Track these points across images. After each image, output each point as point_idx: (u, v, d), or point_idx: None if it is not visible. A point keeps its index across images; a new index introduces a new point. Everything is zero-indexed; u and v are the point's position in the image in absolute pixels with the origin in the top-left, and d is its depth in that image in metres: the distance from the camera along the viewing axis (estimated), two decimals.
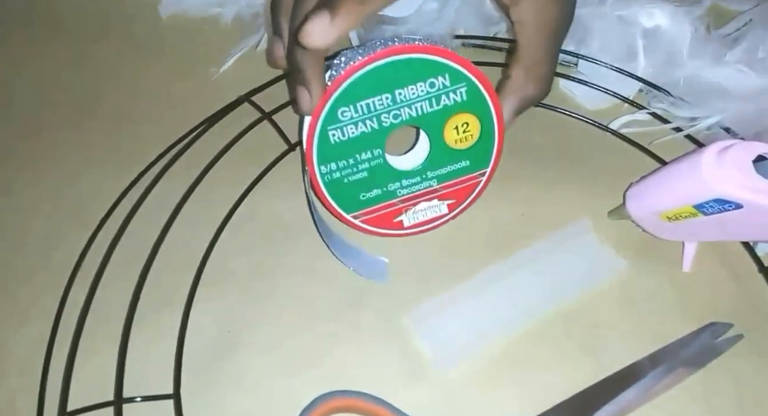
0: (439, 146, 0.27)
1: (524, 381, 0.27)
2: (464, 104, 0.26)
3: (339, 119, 0.25)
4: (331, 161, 0.26)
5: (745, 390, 0.27)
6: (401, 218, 0.28)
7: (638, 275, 0.30)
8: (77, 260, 0.30)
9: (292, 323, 0.29)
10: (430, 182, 0.28)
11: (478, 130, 0.27)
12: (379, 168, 0.27)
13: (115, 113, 0.36)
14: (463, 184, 0.28)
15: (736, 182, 0.24)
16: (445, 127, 0.26)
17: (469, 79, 0.26)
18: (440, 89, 0.26)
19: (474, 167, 0.28)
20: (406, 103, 0.26)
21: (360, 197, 0.27)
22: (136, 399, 0.25)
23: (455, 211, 0.28)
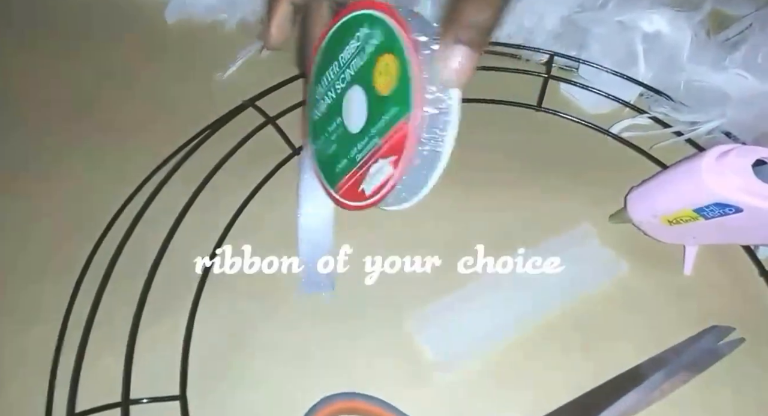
0: (373, 97, 0.25)
1: (525, 384, 0.27)
2: (381, 45, 0.24)
3: (316, 99, 0.28)
4: (318, 139, 0.28)
5: (747, 393, 0.27)
6: (363, 186, 0.26)
7: (640, 279, 0.30)
8: (84, 265, 0.30)
9: (296, 326, 0.29)
10: (375, 141, 0.25)
11: (396, 68, 0.24)
12: (342, 137, 0.27)
13: (120, 117, 0.36)
14: (396, 135, 0.24)
15: (736, 186, 0.24)
16: (373, 76, 0.25)
17: (380, 19, 0.24)
18: (364, 40, 0.25)
19: (402, 113, 0.24)
20: (346, 64, 0.26)
21: (336, 169, 0.27)
22: (143, 401, 0.25)
23: (399, 169, 0.24)
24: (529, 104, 0.35)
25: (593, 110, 0.35)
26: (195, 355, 0.27)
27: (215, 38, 0.39)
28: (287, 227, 0.31)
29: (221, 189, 0.32)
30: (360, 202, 0.26)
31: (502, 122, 0.35)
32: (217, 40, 0.39)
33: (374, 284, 0.30)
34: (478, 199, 0.32)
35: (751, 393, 0.27)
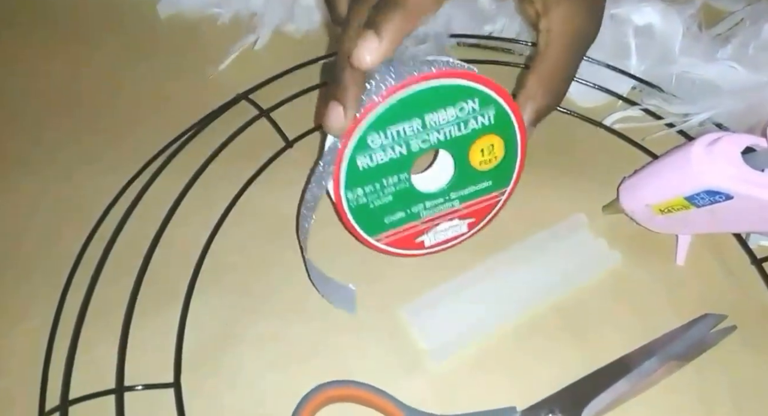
0: (464, 168, 0.26)
1: (518, 372, 0.27)
2: (491, 126, 0.26)
3: (369, 146, 0.25)
4: (358, 187, 0.26)
5: (738, 381, 0.27)
6: (423, 238, 0.28)
7: (632, 269, 0.30)
8: (77, 255, 0.30)
9: (290, 317, 0.29)
10: (452, 203, 0.27)
11: (502, 151, 0.26)
12: (404, 192, 0.26)
13: (114, 111, 0.36)
14: (484, 203, 0.27)
15: (726, 174, 0.24)
16: (470, 149, 0.26)
17: (497, 102, 0.25)
18: (469, 113, 0.25)
19: (495, 187, 0.27)
20: (436, 127, 0.25)
21: (384, 220, 0.27)
22: (137, 388, 0.25)
23: (474, 229, 0.28)
24: None
25: (586, 103, 0.36)
26: (189, 345, 0.27)
27: (208, 33, 0.40)
28: (280, 219, 0.31)
29: (214, 182, 0.32)
30: (415, 251, 0.28)
31: None
32: (210, 34, 0.39)
33: (367, 275, 0.30)
34: None
35: (743, 380, 0.27)
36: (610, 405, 0.26)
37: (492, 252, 0.30)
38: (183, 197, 0.31)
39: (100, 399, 0.25)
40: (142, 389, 0.25)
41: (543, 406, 0.26)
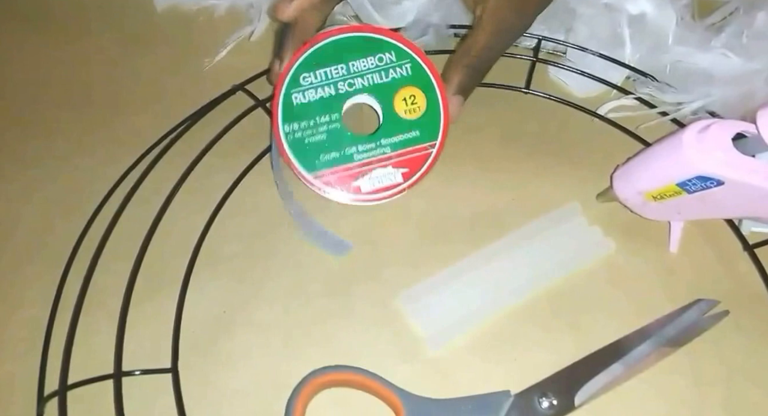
0: (390, 115, 0.30)
1: (513, 358, 0.28)
2: (409, 78, 0.30)
3: (301, 83, 0.30)
4: (294, 121, 0.30)
5: (731, 365, 0.27)
6: (359, 182, 0.30)
7: (626, 256, 0.30)
8: (75, 244, 0.30)
9: (286, 304, 0.29)
10: (384, 150, 0.30)
11: (424, 103, 0.30)
12: (336, 132, 0.30)
13: (110, 102, 0.36)
14: (415, 153, 0.30)
15: (717, 159, 0.24)
16: (394, 98, 0.30)
17: (412, 57, 0.30)
18: (387, 64, 0.30)
19: (424, 138, 0.30)
20: (359, 74, 0.30)
21: (320, 157, 0.30)
22: (135, 373, 0.26)
23: (410, 180, 0.30)
24: (517, 86, 0.35)
25: (581, 93, 0.36)
26: (186, 332, 0.28)
27: (204, 24, 0.39)
28: (277, 209, 0.32)
29: (211, 172, 0.33)
30: (352, 194, 0.30)
31: (491, 105, 0.35)
32: (207, 26, 0.39)
33: (363, 262, 0.30)
34: (467, 180, 0.32)
35: (735, 364, 0.27)
36: (603, 388, 0.26)
37: (488, 240, 0.30)
38: (179, 187, 0.32)
39: (99, 383, 0.25)
40: (140, 374, 0.26)
41: (536, 390, 0.26)
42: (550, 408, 0.26)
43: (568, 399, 0.26)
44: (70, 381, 0.26)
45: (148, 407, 0.26)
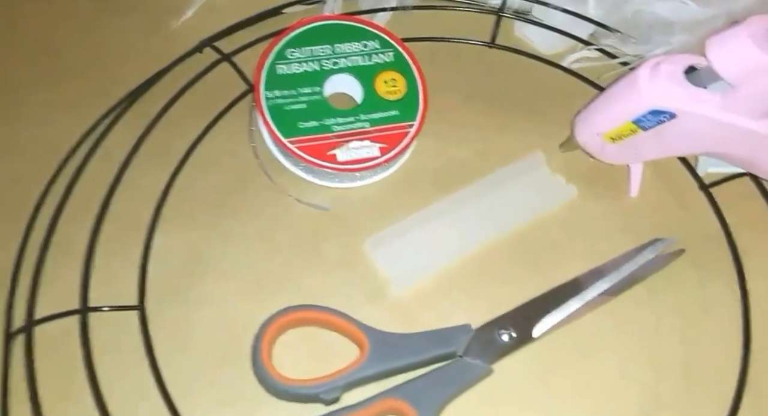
0: (371, 94, 0.32)
1: (476, 296, 0.28)
2: (392, 64, 0.32)
3: (287, 57, 0.32)
4: (275, 89, 0.31)
5: (687, 299, 0.28)
6: (335, 151, 0.30)
7: (587, 201, 0.31)
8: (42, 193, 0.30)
9: (255, 251, 0.30)
10: (363, 124, 0.31)
11: (404, 87, 0.32)
12: (317, 103, 0.31)
13: (78, 60, 0.36)
14: (394, 131, 0.31)
15: (669, 92, 0.25)
16: (375, 79, 0.32)
17: (395, 47, 0.33)
18: (372, 50, 0.32)
19: (403, 118, 0.31)
20: (343, 55, 0.32)
21: (298, 125, 0.30)
22: (103, 309, 0.26)
23: (387, 155, 0.30)
24: (483, 41, 0.35)
25: (547, 49, 0.36)
26: (154, 274, 0.28)
27: None
28: (244, 159, 0.32)
29: (177, 125, 0.32)
30: (327, 163, 0.30)
31: (456, 60, 0.35)
32: None
33: (332, 213, 0.30)
34: (433, 134, 0.33)
35: (690, 297, 0.28)
36: (562, 322, 0.27)
37: (454, 188, 0.31)
38: (143, 140, 0.31)
39: (67, 320, 0.26)
40: (108, 310, 0.26)
41: (496, 324, 0.27)
42: (509, 340, 0.27)
43: (526, 332, 0.27)
44: (36, 317, 0.26)
45: (116, 344, 0.26)
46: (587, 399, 0.26)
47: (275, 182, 0.31)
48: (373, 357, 0.26)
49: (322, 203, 0.31)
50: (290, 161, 0.31)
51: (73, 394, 0.26)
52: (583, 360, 0.27)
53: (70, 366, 0.26)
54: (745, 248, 0.29)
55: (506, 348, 0.27)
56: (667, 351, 0.27)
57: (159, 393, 0.25)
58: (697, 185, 0.30)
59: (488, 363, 0.26)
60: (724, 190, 0.30)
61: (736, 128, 0.25)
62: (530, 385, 0.27)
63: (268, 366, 0.26)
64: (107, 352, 0.26)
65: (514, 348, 0.27)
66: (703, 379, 0.27)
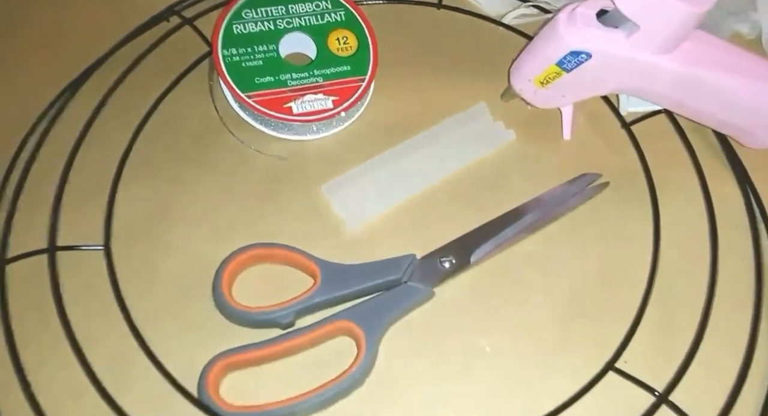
0: (324, 51, 0.34)
1: (422, 232, 0.31)
2: (343, 22, 0.34)
3: (243, 17, 0.34)
4: (232, 47, 0.33)
5: (609, 227, 0.31)
6: (290, 104, 0.32)
7: (524, 143, 0.33)
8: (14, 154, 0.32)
9: (217, 198, 0.32)
10: (316, 78, 0.33)
11: (355, 44, 0.34)
12: (272, 60, 0.33)
13: (46, 28, 0.37)
14: (345, 85, 0.33)
15: (584, 33, 0.28)
16: (328, 37, 0.34)
17: (346, 7, 0.35)
18: (324, 10, 0.34)
19: (354, 73, 0.33)
20: (297, 15, 0.34)
21: (255, 80, 0.32)
22: (71, 248, 0.28)
23: (339, 107, 0.32)
24: (431, 2, 0.38)
25: (491, 9, 0.39)
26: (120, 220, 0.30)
27: None
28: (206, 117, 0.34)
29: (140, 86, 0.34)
30: (283, 115, 0.32)
31: (406, 22, 0.37)
32: None
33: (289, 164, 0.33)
34: (384, 90, 0.35)
35: (613, 226, 0.31)
36: (497, 249, 0.30)
37: (403, 137, 0.33)
38: (108, 98, 0.33)
39: (36, 259, 0.28)
40: (75, 249, 0.28)
41: (438, 253, 0.30)
42: (449, 266, 0.29)
43: (464, 259, 0.29)
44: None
45: (85, 282, 0.29)
46: (515, 314, 0.29)
47: (235, 135, 0.33)
48: (324, 285, 0.28)
49: (280, 153, 0.33)
50: (249, 114, 0.33)
51: (44, 327, 0.28)
52: (514, 282, 0.30)
53: (41, 302, 0.28)
54: (659, 180, 0.31)
55: (446, 273, 0.29)
56: (589, 271, 0.30)
57: (126, 324, 0.28)
58: (620, 124, 0.33)
59: (430, 287, 0.29)
60: (643, 127, 0.33)
61: (643, 63, 0.27)
62: (468, 306, 0.29)
63: (228, 296, 0.28)
64: (76, 289, 0.29)
65: (453, 273, 0.29)
66: (616, 292, 0.29)
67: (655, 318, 0.28)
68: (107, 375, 0.26)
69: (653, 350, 0.28)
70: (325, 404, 0.27)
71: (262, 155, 0.33)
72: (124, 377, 0.27)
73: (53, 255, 0.28)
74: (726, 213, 0.31)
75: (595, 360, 0.27)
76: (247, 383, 0.27)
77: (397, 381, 0.28)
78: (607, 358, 0.27)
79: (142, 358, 0.27)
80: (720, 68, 0.28)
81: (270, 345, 0.27)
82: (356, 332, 0.28)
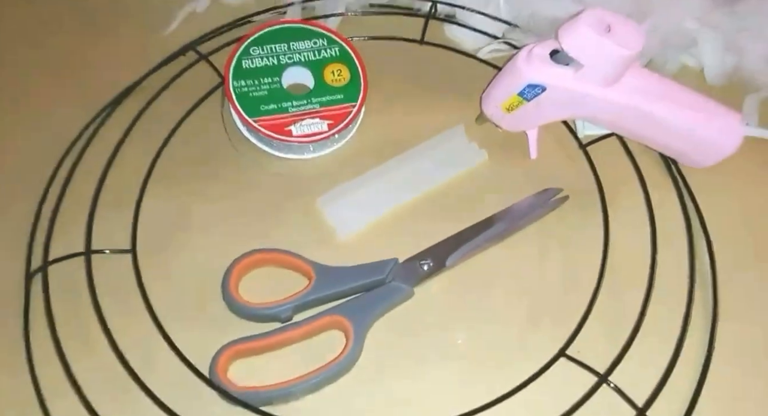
0: (320, 82, 0.39)
1: (404, 240, 0.35)
2: (338, 57, 0.39)
3: (250, 53, 0.39)
4: (241, 79, 0.38)
5: (567, 235, 0.36)
6: (291, 128, 0.37)
7: (496, 162, 0.38)
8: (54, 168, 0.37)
9: (226, 209, 0.37)
10: (313, 105, 0.38)
11: (348, 76, 0.39)
12: (275, 90, 0.38)
13: (78, 65, 0.42)
14: (339, 111, 0.38)
15: (538, 69, 0.32)
16: (324, 70, 0.39)
17: (341, 44, 0.39)
18: (321, 46, 0.39)
19: (346, 100, 0.38)
20: (297, 51, 0.39)
21: (260, 107, 0.37)
22: (104, 251, 0.33)
23: (333, 130, 0.37)
24: (415, 39, 0.43)
25: (469, 45, 0.44)
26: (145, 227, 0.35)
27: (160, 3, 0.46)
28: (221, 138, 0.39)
29: (162, 112, 0.39)
30: (285, 136, 0.37)
31: (393, 55, 0.42)
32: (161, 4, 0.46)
33: (290, 181, 0.38)
34: (374, 114, 0.40)
35: (572, 235, 0.35)
36: (469, 253, 0.34)
37: (389, 156, 0.38)
38: (135, 123, 0.38)
39: (75, 261, 0.33)
40: (107, 253, 0.33)
41: (418, 257, 0.34)
42: (428, 269, 0.34)
43: (441, 262, 0.34)
44: (50, 258, 0.33)
45: (115, 281, 0.33)
46: (485, 311, 0.34)
47: (243, 154, 0.38)
48: (317, 285, 0.33)
49: (282, 171, 0.38)
50: (255, 136, 0.38)
51: (80, 319, 0.33)
52: (484, 282, 0.34)
53: (78, 299, 0.33)
54: (610, 193, 0.36)
55: (425, 274, 0.34)
56: (549, 273, 0.35)
57: (149, 316, 0.32)
58: (578, 145, 0.38)
59: (411, 286, 0.33)
60: (597, 148, 0.37)
61: (589, 94, 0.32)
62: (444, 303, 0.34)
63: (235, 293, 0.33)
64: (108, 286, 0.33)
65: (431, 274, 0.34)
66: (571, 291, 0.34)
67: (603, 312, 0.33)
68: (135, 359, 0.31)
69: (600, 340, 0.32)
70: (316, 387, 0.31)
71: (266, 172, 0.38)
72: (149, 361, 0.31)
73: (89, 258, 0.33)
74: (665, 222, 0.35)
75: (550, 349, 0.32)
76: (251, 368, 0.32)
77: (380, 368, 0.32)
78: (560, 346, 0.32)
79: (163, 345, 0.32)
80: (655, 99, 0.33)
81: (271, 336, 0.32)
82: (345, 325, 0.32)
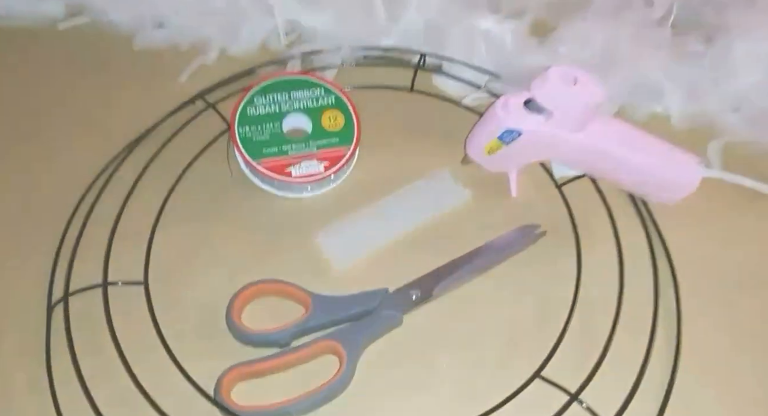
0: (318, 127, 0.42)
1: (394, 271, 0.38)
2: (333, 105, 0.43)
3: (254, 102, 0.43)
4: (246, 126, 0.42)
5: (546, 267, 0.39)
6: (290, 169, 0.41)
7: (479, 201, 0.41)
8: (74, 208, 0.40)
9: (231, 244, 0.40)
10: (311, 148, 0.42)
11: (343, 122, 0.42)
12: (276, 135, 0.42)
13: (94, 112, 0.46)
14: (335, 153, 0.41)
15: (514, 116, 0.36)
16: (321, 116, 0.43)
17: (336, 93, 0.43)
18: (318, 96, 0.43)
19: (342, 143, 0.42)
20: (297, 100, 0.43)
21: (262, 150, 0.41)
22: (118, 283, 0.36)
23: (329, 171, 0.41)
24: (405, 87, 0.47)
25: (457, 94, 0.47)
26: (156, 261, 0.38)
27: (171, 55, 0.49)
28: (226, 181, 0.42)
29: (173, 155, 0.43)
30: (284, 177, 0.41)
31: (384, 103, 0.46)
32: (173, 56, 0.49)
33: (290, 217, 0.41)
34: (366, 156, 0.43)
35: (548, 267, 0.38)
36: (455, 284, 0.37)
37: (381, 195, 0.41)
38: (149, 166, 0.42)
39: (92, 292, 0.36)
40: (122, 285, 0.36)
41: (407, 287, 0.37)
42: (415, 298, 0.36)
43: (428, 292, 0.37)
44: (71, 289, 0.36)
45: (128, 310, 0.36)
46: (468, 336, 0.36)
47: (246, 194, 0.42)
48: (314, 313, 0.36)
49: (282, 208, 0.41)
50: (257, 177, 0.42)
51: (98, 346, 0.35)
52: (467, 311, 0.37)
53: (95, 327, 0.36)
54: (582, 229, 0.39)
55: (413, 303, 0.36)
56: (526, 302, 0.38)
57: (160, 342, 0.35)
58: (554, 185, 0.41)
59: (400, 314, 0.36)
60: (571, 187, 0.41)
61: (560, 139, 0.36)
62: (430, 330, 0.37)
63: (238, 321, 0.36)
64: (122, 315, 0.36)
65: (419, 303, 0.36)
66: (546, 318, 0.37)
67: (575, 338, 0.36)
68: (147, 381, 0.34)
69: (572, 362, 0.35)
70: (312, 407, 0.34)
71: (267, 210, 0.41)
72: (160, 383, 0.34)
73: (106, 289, 0.36)
74: (633, 255, 0.38)
75: (527, 371, 0.34)
76: (253, 389, 0.34)
77: (371, 390, 0.35)
78: (535, 368, 0.34)
79: (173, 369, 0.34)
80: (620, 144, 0.36)
81: (271, 360, 0.34)
82: (339, 350, 0.35)
